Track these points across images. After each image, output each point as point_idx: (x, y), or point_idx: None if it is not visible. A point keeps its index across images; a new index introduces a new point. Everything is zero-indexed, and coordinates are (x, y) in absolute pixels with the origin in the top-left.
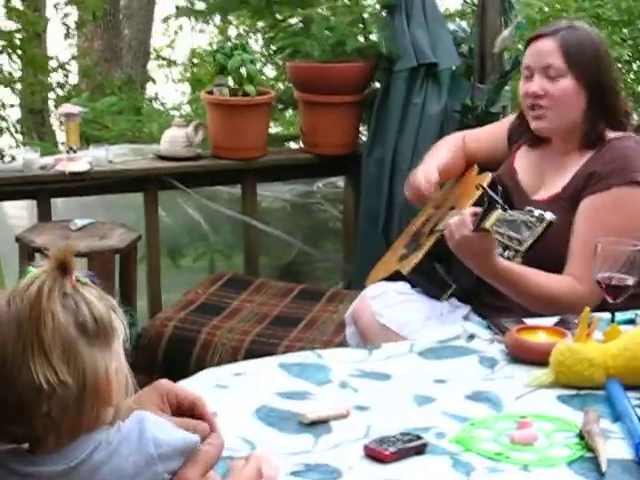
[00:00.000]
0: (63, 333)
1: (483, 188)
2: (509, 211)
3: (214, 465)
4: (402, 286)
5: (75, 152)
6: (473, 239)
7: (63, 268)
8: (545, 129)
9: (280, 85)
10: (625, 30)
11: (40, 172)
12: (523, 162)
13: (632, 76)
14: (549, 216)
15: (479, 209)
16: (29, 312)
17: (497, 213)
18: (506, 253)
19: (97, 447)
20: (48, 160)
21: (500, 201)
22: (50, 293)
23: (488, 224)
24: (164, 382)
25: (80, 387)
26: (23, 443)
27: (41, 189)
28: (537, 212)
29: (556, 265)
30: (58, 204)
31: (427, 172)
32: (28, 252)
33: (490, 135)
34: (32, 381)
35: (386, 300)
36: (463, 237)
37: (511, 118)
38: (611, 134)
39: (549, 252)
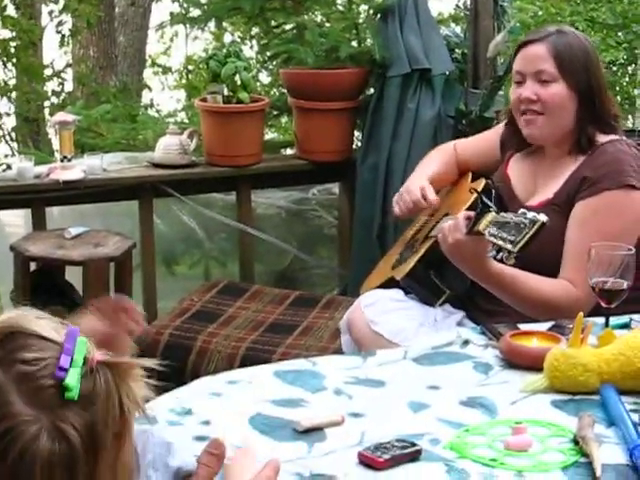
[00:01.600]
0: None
1: (477, 192)
2: (502, 213)
3: (216, 474)
4: (396, 293)
5: (69, 160)
6: (466, 242)
7: (116, 367)
8: (537, 136)
9: (275, 91)
10: (620, 33)
11: (34, 181)
12: (516, 169)
13: (627, 79)
14: (542, 217)
15: (472, 213)
16: (111, 421)
17: (490, 216)
18: (499, 255)
19: None
20: (42, 169)
21: (493, 204)
22: (129, 393)
23: (481, 227)
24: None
25: None
26: None
27: (35, 198)
28: (530, 214)
29: (550, 270)
30: (54, 212)
31: (419, 189)
32: (22, 261)
33: (482, 143)
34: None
35: (379, 308)
36: (456, 241)
37: (503, 125)
38: (602, 138)
39: (543, 257)
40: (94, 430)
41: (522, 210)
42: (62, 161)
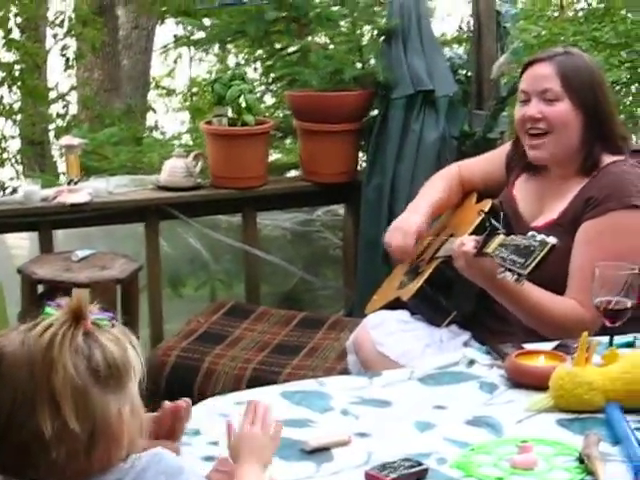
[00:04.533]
0: (74, 383)
1: (485, 213)
2: (511, 236)
3: None
4: (402, 314)
5: (76, 184)
6: (476, 262)
7: (77, 317)
8: (542, 158)
9: (279, 113)
10: (623, 53)
11: (41, 204)
12: (522, 190)
13: (630, 98)
14: (552, 240)
15: (480, 238)
16: (41, 360)
17: (499, 238)
18: (509, 277)
19: None
20: (49, 192)
21: (501, 227)
22: (62, 344)
23: (490, 249)
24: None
25: (89, 435)
26: None
27: (42, 221)
28: (539, 236)
29: (555, 288)
30: (59, 235)
31: (406, 230)
32: (30, 283)
33: (487, 163)
34: (39, 428)
35: (385, 329)
36: (466, 259)
37: (508, 145)
38: (608, 159)
39: (548, 277)
40: (31, 353)
41: (531, 233)
42: (69, 184)
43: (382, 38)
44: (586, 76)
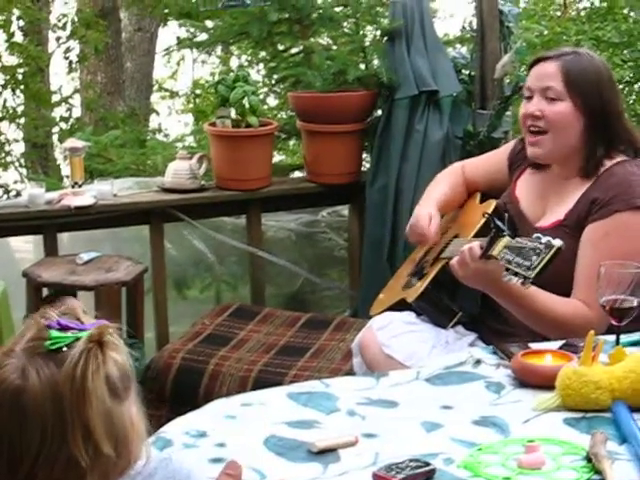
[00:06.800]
0: (104, 408)
1: (489, 215)
2: (517, 238)
3: None
4: (407, 316)
5: (80, 186)
6: (480, 269)
7: (100, 345)
8: (541, 156)
9: (282, 114)
10: (625, 52)
11: (45, 207)
12: (524, 190)
13: (634, 97)
14: (557, 242)
15: (484, 242)
16: (70, 393)
17: (504, 240)
18: (515, 280)
19: None
20: (53, 195)
21: (506, 229)
22: (94, 376)
23: (496, 252)
24: None
25: (116, 449)
26: None
27: (47, 224)
28: (545, 239)
29: (561, 290)
30: (64, 238)
31: (428, 216)
32: (35, 287)
33: (490, 163)
34: (74, 458)
35: (392, 330)
36: (469, 271)
37: (511, 145)
38: (612, 160)
39: (554, 279)
40: (57, 385)
41: (536, 235)
42: (73, 187)
43: (385, 38)
44: (592, 77)
